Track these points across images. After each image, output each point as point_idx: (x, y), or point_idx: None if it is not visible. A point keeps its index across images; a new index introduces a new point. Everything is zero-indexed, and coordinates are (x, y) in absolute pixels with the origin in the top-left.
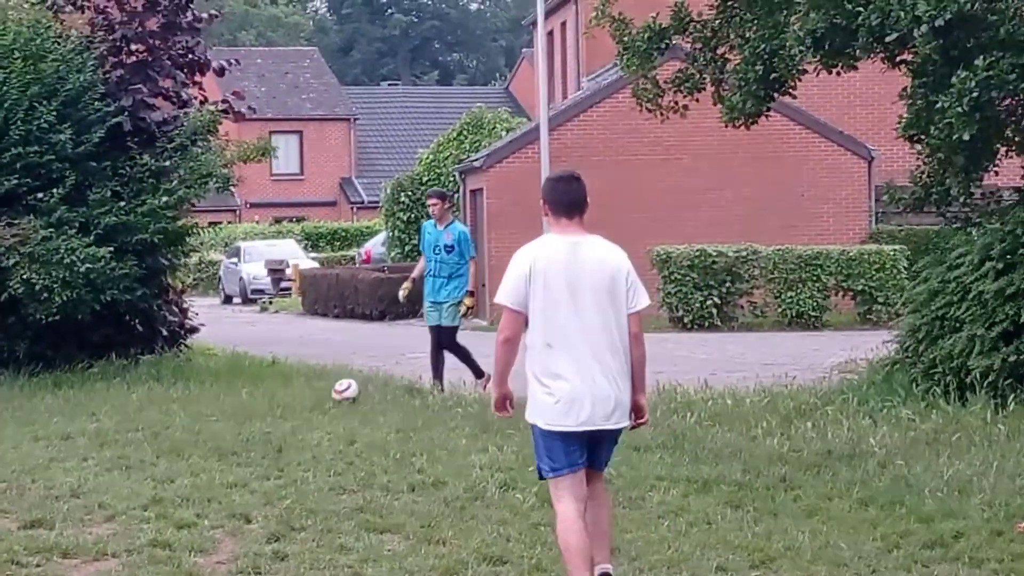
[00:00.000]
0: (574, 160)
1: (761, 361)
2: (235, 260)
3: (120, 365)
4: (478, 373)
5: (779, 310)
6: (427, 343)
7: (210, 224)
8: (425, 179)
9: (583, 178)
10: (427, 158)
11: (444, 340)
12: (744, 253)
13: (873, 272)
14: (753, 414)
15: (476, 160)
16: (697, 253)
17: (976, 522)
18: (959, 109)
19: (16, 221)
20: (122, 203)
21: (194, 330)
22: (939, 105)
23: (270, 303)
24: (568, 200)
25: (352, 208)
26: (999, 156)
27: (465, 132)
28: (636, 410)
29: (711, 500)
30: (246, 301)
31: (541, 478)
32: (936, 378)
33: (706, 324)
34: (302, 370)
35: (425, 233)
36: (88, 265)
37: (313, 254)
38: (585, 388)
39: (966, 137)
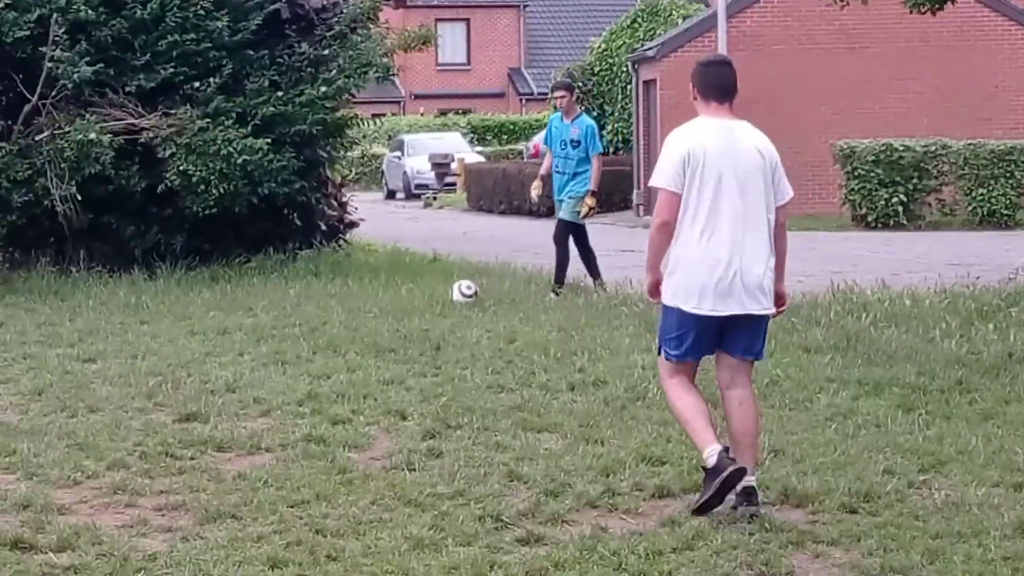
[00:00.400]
0: (752, 49)
1: (947, 261)
2: (398, 154)
3: (278, 260)
4: (560, 280)
5: (969, 208)
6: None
7: (373, 116)
8: (597, 69)
9: (761, 67)
10: (599, 47)
11: (557, 233)
12: (933, 148)
13: None
14: (932, 315)
15: (650, 49)
16: (883, 148)
17: None
18: None
19: (172, 111)
20: (280, 93)
21: (353, 225)
22: None
23: (434, 199)
24: (720, 84)
25: (521, 100)
26: None
27: (640, 20)
28: (777, 298)
29: (882, 403)
30: (409, 196)
31: (659, 354)
32: None
33: (891, 223)
34: (464, 267)
35: (551, 127)
36: (245, 157)
37: (479, 148)
38: (732, 273)
39: None
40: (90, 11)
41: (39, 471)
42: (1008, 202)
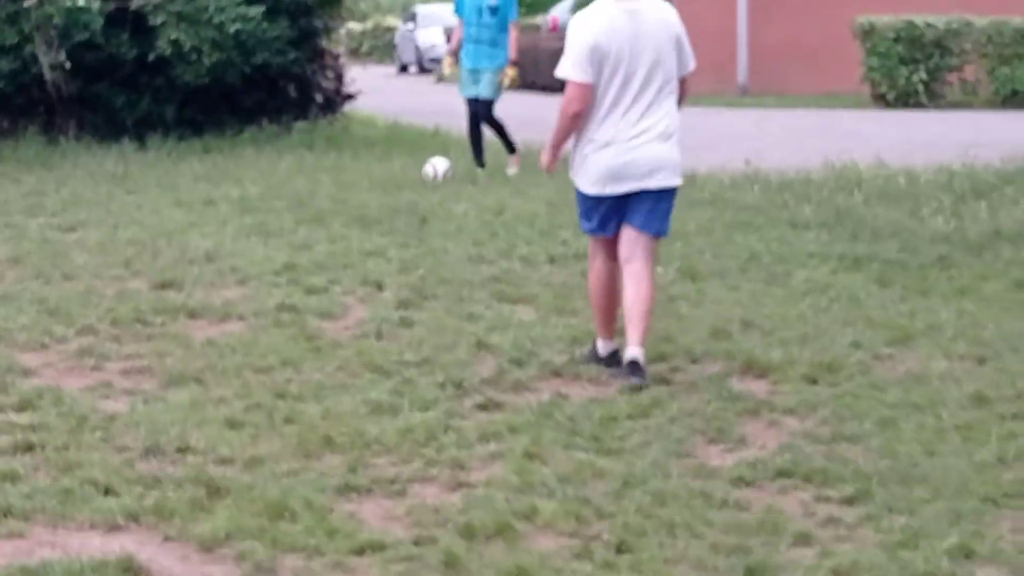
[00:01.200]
0: None
1: (963, 142)
2: (411, 26)
3: (272, 132)
4: (511, 148)
5: (992, 88)
6: None
7: None
8: None
9: None
10: None
11: (482, 113)
12: (955, 25)
13: None
14: (925, 193)
15: None
16: (904, 24)
17: None
18: None
19: None
20: None
21: (351, 97)
22: None
23: (447, 73)
24: None
25: None
26: None
27: None
28: None
29: (860, 278)
30: (422, 70)
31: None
32: None
33: (911, 101)
34: (464, 141)
35: None
36: (238, 25)
37: None
38: (630, 151)
39: None
40: None
41: (7, 335)
42: None
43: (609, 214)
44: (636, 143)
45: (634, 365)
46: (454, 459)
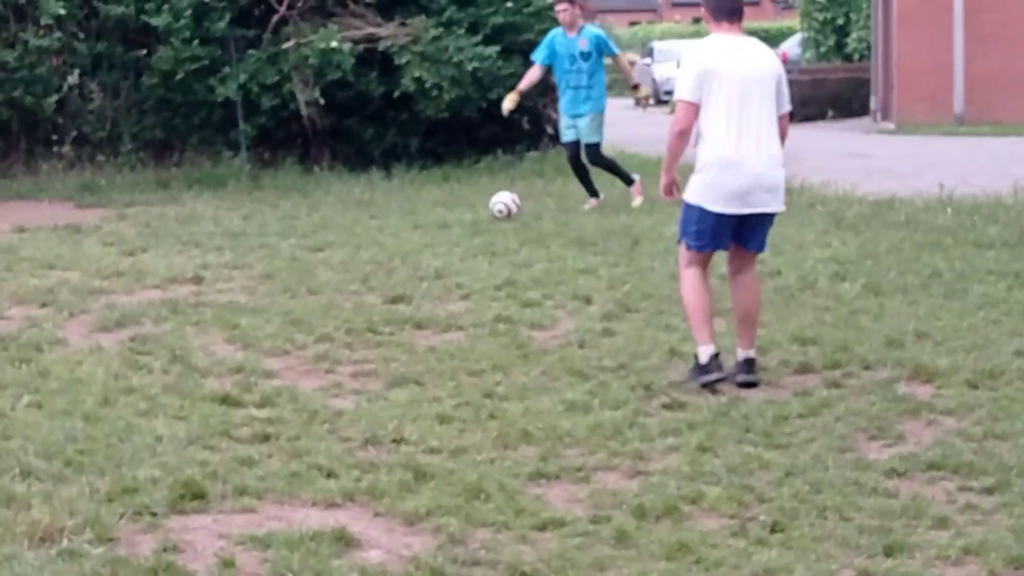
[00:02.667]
0: None
1: None
2: (648, 60)
3: (506, 161)
4: (628, 181)
5: None
6: (824, 143)
7: (630, 24)
8: None
9: None
10: None
11: (590, 156)
12: None
13: None
14: None
15: None
16: None
17: None
18: None
19: (408, 21)
20: (509, 4)
21: None
22: None
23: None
24: (731, 6)
25: (776, 8)
26: None
27: None
28: None
29: None
30: (659, 102)
31: (679, 243)
32: None
33: None
34: (684, 169)
35: (554, 44)
36: (475, 64)
37: None
38: (751, 174)
39: None
40: None
41: (255, 342)
42: None
43: (725, 232)
44: (758, 167)
45: (750, 363)
46: (636, 451)
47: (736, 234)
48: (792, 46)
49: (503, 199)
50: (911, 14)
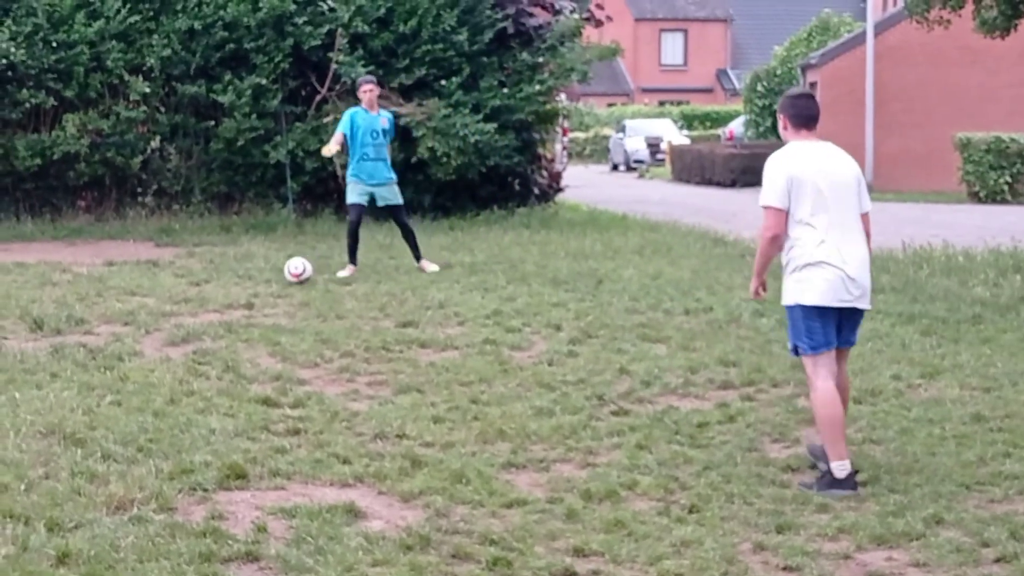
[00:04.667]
0: (894, 59)
1: None
2: (621, 135)
3: (500, 215)
4: (418, 255)
5: None
6: (757, 206)
7: (608, 105)
8: (778, 71)
9: (900, 74)
10: (781, 54)
11: (402, 216)
12: None
13: None
14: (976, 268)
15: (813, 58)
16: (993, 139)
17: None
18: None
19: (424, 102)
20: (505, 90)
21: (560, 190)
22: None
23: (647, 171)
24: (809, 114)
25: (726, 94)
26: None
27: (814, 33)
28: None
29: (910, 329)
30: (628, 169)
31: (796, 354)
32: None
33: (998, 199)
34: (643, 224)
35: (356, 119)
36: (477, 137)
37: (687, 132)
38: (846, 273)
39: None
40: (366, 26)
41: (292, 356)
42: None
43: (830, 327)
44: (851, 268)
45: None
46: (587, 447)
47: (836, 331)
48: (737, 125)
49: (300, 261)
50: (832, 103)
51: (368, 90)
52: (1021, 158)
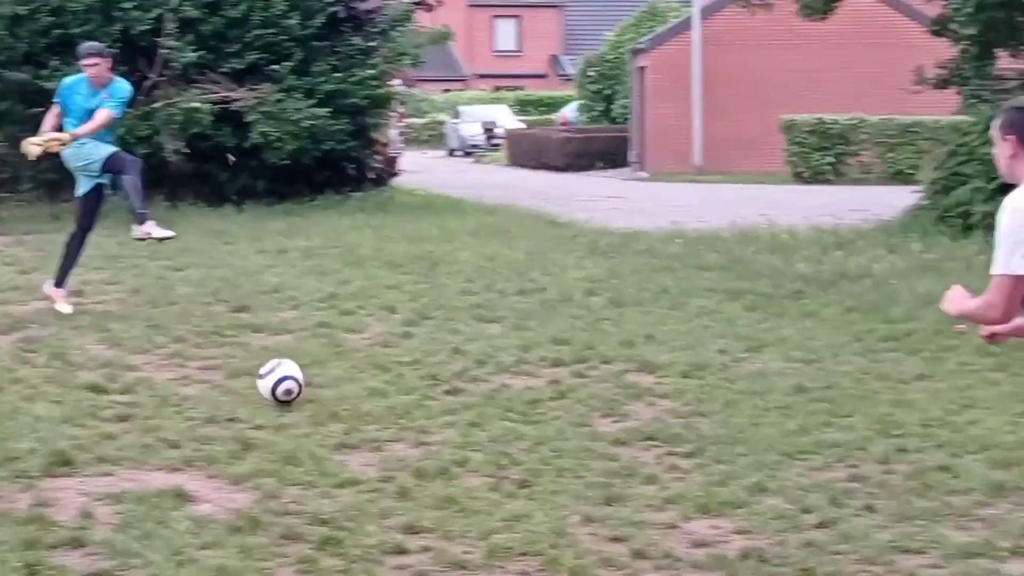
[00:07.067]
0: (721, 44)
1: (848, 207)
2: (456, 120)
3: (335, 200)
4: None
5: (882, 168)
6: (591, 188)
7: (444, 91)
8: (610, 57)
9: (727, 58)
10: (612, 40)
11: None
12: (854, 121)
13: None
14: (801, 245)
15: (642, 43)
16: (816, 121)
17: (927, 324)
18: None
19: (256, 87)
20: (338, 74)
21: (395, 175)
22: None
23: (483, 156)
24: None
25: (560, 80)
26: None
27: (644, 19)
28: None
29: (736, 305)
30: (465, 154)
31: None
32: (947, 221)
33: (821, 179)
34: (479, 207)
35: (75, 92)
36: (311, 122)
37: (522, 117)
38: None
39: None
40: (195, 10)
41: (122, 342)
42: (911, 164)
43: None
44: None
45: None
46: (420, 426)
47: None
48: (571, 110)
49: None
50: (661, 89)
51: (93, 63)
52: (843, 139)
